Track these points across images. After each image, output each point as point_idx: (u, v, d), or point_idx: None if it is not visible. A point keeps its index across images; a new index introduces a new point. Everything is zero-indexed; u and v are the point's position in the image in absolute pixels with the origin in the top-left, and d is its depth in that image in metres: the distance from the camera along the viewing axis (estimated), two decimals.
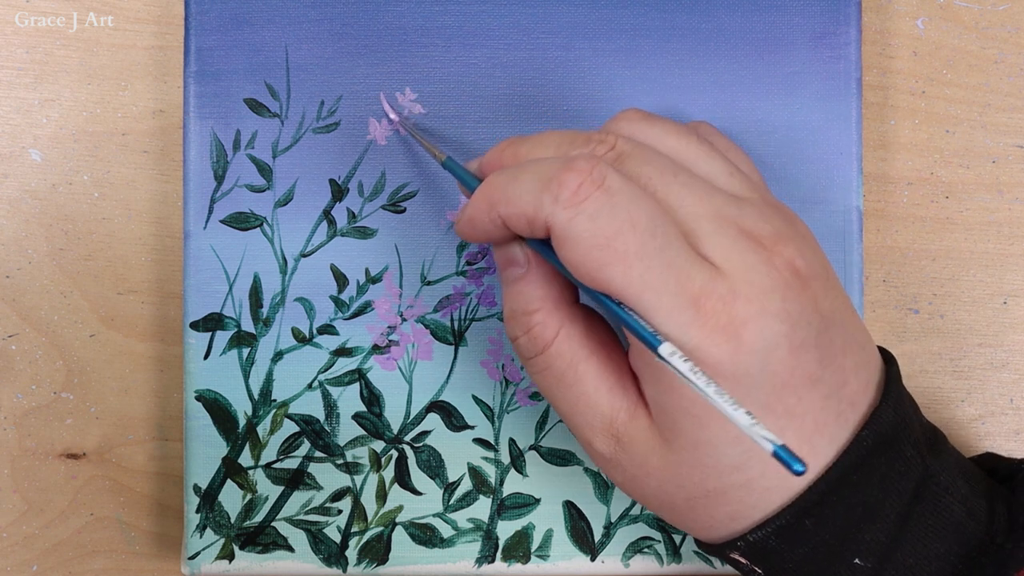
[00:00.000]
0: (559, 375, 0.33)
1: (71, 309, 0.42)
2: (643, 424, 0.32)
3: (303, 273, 0.40)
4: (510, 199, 0.31)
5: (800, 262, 0.31)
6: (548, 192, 0.30)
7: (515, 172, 0.32)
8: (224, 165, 0.40)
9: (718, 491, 0.32)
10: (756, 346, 0.30)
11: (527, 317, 0.33)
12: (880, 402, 0.33)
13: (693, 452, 0.31)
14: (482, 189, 0.33)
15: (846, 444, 0.32)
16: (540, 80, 0.40)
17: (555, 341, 0.33)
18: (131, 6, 0.42)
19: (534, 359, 0.34)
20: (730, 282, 0.30)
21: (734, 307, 0.30)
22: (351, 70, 0.40)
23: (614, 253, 0.30)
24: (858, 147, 0.40)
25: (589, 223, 0.30)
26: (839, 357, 0.32)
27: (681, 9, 0.40)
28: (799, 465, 0.26)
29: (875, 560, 0.32)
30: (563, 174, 0.30)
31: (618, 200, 0.30)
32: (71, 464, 0.42)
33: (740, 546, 0.33)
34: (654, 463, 0.32)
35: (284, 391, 0.40)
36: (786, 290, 0.31)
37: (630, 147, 0.32)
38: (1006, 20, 0.43)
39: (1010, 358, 0.43)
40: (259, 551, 0.40)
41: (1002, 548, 0.33)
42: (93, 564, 0.42)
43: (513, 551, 0.40)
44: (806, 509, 0.32)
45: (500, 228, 0.32)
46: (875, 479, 0.32)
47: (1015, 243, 0.43)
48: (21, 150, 0.42)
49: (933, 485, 0.33)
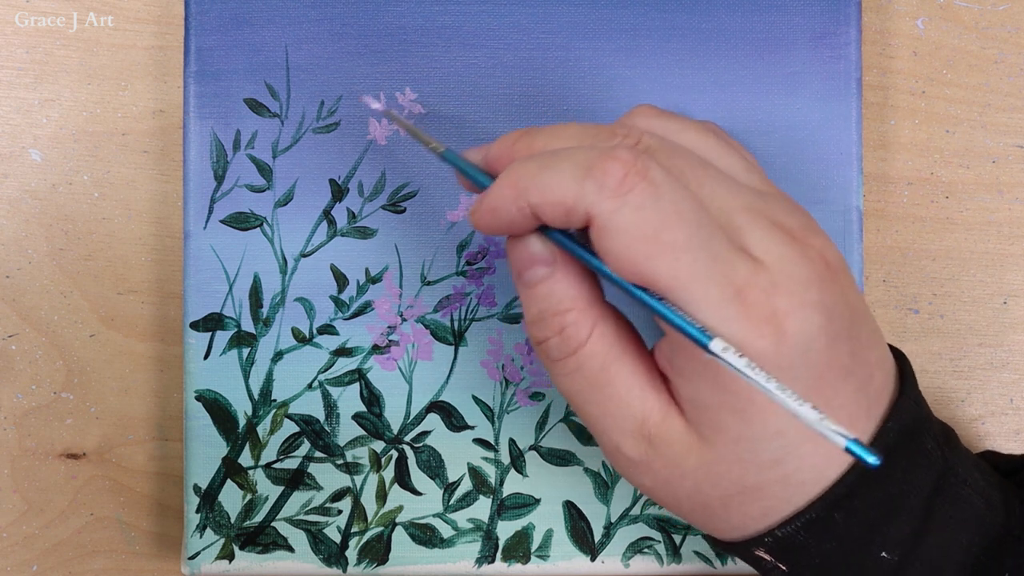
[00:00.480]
0: (592, 377, 0.32)
1: (71, 309, 0.42)
2: (677, 424, 0.32)
3: (303, 273, 0.40)
4: (545, 187, 0.30)
5: (830, 254, 0.31)
6: (591, 180, 0.30)
7: (548, 159, 0.31)
8: (224, 165, 0.40)
9: (755, 487, 0.32)
10: (798, 338, 0.30)
11: (559, 317, 0.32)
12: (900, 395, 0.33)
13: (734, 448, 0.31)
14: (508, 176, 0.31)
15: (872, 437, 0.32)
16: (540, 80, 0.40)
17: (589, 341, 0.32)
18: (131, 6, 0.42)
19: (564, 360, 0.32)
20: (770, 274, 0.30)
21: (776, 299, 0.30)
22: (351, 70, 0.40)
23: (661, 244, 0.29)
24: (858, 147, 0.40)
25: (636, 213, 0.29)
26: (866, 350, 0.32)
27: (681, 9, 0.40)
28: (874, 458, 0.26)
29: (900, 553, 0.32)
30: (607, 163, 0.30)
31: (663, 191, 0.30)
32: (71, 464, 0.42)
33: (768, 542, 0.32)
34: (691, 463, 0.32)
35: (284, 391, 0.40)
36: (821, 282, 0.31)
37: (656, 142, 0.32)
38: (1006, 20, 0.43)
39: (1010, 358, 0.43)
40: (259, 551, 0.40)
41: (1021, 540, 0.33)
42: (93, 564, 0.42)
43: (513, 551, 0.40)
44: (836, 502, 0.32)
45: (528, 218, 0.31)
46: (899, 472, 0.32)
47: (1015, 243, 0.43)
48: (21, 150, 0.42)
49: (952, 477, 0.33)
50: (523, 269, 0.32)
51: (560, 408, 0.40)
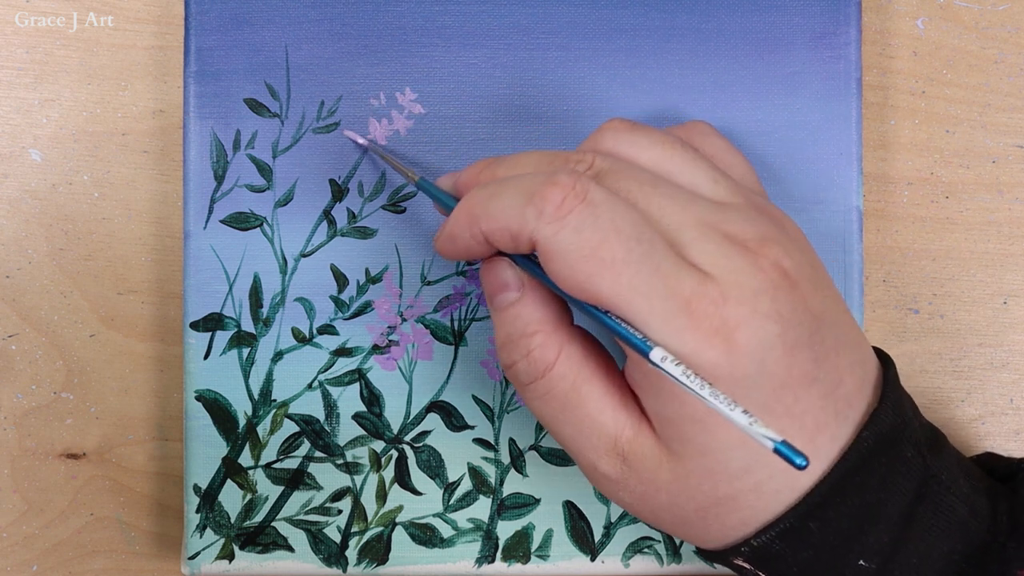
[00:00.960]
0: (562, 398, 0.33)
1: (71, 309, 0.42)
2: (648, 440, 0.32)
3: (303, 273, 0.40)
4: (492, 214, 0.32)
5: (787, 263, 0.31)
6: (532, 206, 0.31)
7: (496, 187, 0.32)
8: (224, 165, 0.40)
9: (729, 497, 0.32)
10: (751, 347, 0.30)
11: (526, 340, 0.33)
12: (879, 403, 0.33)
13: (702, 460, 0.31)
14: (462, 205, 0.33)
15: (847, 445, 0.32)
16: (540, 80, 0.40)
17: (556, 363, 0.33)
18: (131, 6, 0.42)
19: (534, 384, 0.33)
20: (719, 285, 0.30)
21: (725, 310, 0.30)
22: (351, 70, 0.40)
23: (600, 262, 0.30)
24: (858, 147, 0.40)
25: (574, 235, 0.30)
26: (832, 356, 0.32)
27: (681, 9, 0.40)
28: (801, 459, 0.27)
29: (879, 561, 0.32)
30: (546, 188, 0.31)
31: (601, 211, 0.30)
32: (71, 464, 0.42)
33: (744, 551, 0.33)
34: (663, 477, 0.32)
35: (284, 391, 0.40)
36: (775, 291, 0.31)
37: (608, 164, 0.32)
38: (1006, 20, 0.43)
39: (1010, 358, 0.43)
40: (259, 551, 0.40)
41: (1005, 547, 0.33)
42: (93, 564, 0.42)
43: (513, 551, 0.40)
44: (809, 511, 0.32)
45: (482, 244, 0.32)
46: (876, 480, 0.32)
47: (1015, 243, 0.43)
48: (21, 150, 0.42)
49: (935, 484, 0.33)
50: (494, 293, 0.34)
51: None
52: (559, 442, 0.34)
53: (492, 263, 0.34)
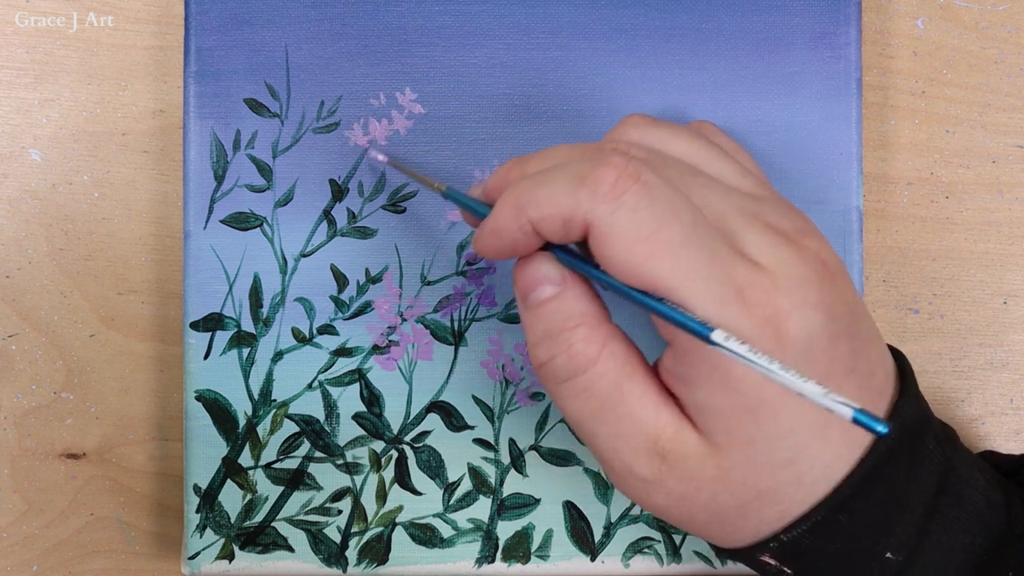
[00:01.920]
0: (603, 396, 0.32)
1: (71, 309, 0.42)
2: (690, 436, 0.32)
3: (303, 273, 0.40)
4: (542, 201, 0.31)
5: (826, 255, 0.32)
6: (585, 188, 0.30)
7: (543, 175, 0.31)
8: (224, 165, 0.40)
9: (770, 490, 0.32)
10: (799, 337, 0.30)
11: (567, 334, 0.32)
12: (901, 395, 0.33)
13: (747, 451, 0.31)
14: (507, 197, 0.32)
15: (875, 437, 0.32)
16: (540, 80, 0.40)
17: (600, 358, 0.32)
18: (131, 6, 0.42)
19: (572, 381, 0.32)
20: (770, 275, 0.30)
21: (776, 299, 0.30)
22: (351, 70, 0.40)
23: (659, 244, 0.29)
24: (858, 147, 0.40)
25: (632, 215, 0.30)
26: (866, 347, 0.32)
27: (681, 9, 0.40)
28: (882, 426, 0.26)
29: (906, 553, 0.32)
30: (599, 169, 0.30)
31: (657, 193, 0.30)
32: (71, 464, 0.42)
33: (773, 547, 0.32)
34: (707, 474, 0.32)
35: (284, 391, 0.40)
36: (820, 282, 0.31)
37: (644, 153, 0.32)
38: (1006, 20, 0.43)
39: (1010, 358, 0.43)
40: (259, 551, 0.40)
41: (1023, 539, 0.33)
42: (93, 564, 0.42)
43: (513, 551, 0.40)
44: (841, 503, 0.32)
45: (529, 235, 0.31)
46: (903, 472, 0.32)
47: (1015, 243, 0.43)
48: (21, 150, 0.42)
49: (954, 477, 0.33)
50: (530, 289, 0.32)
51: None
52: (591, 444, 0.33)
53: (529, 259, 0.33)
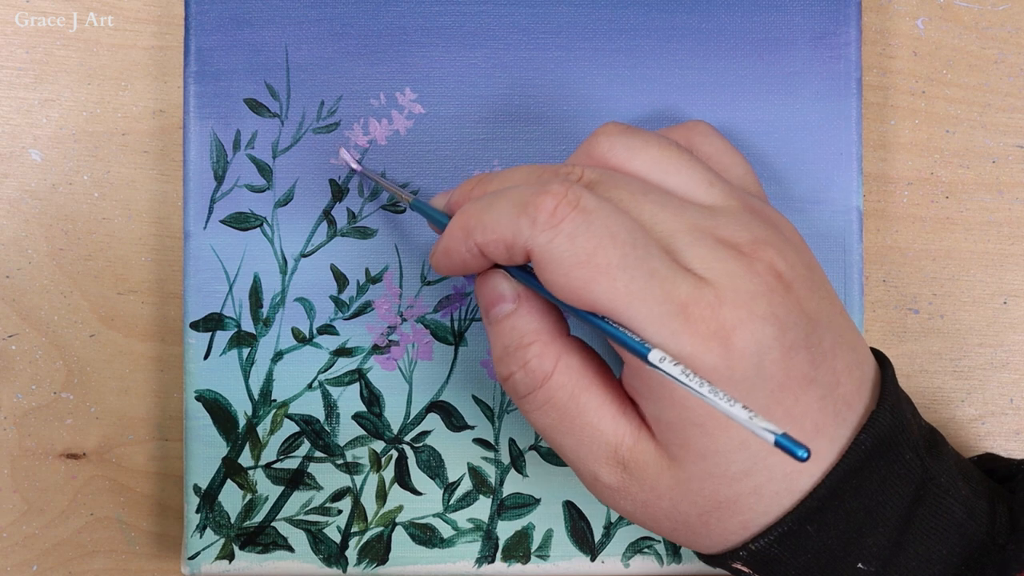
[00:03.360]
0: (561, 408, 0.33)
1: (71, 309, 0.42)
2: (649, 446, 0.32)
3: (303, 273, 0.40)
4: (486, 226, 0.32)
5: (781, 265, 0.31)
6: (525, 216, 0.31)
7: (489, 200, 0.32)
8: (224, 165, 0.40)
9: (730, 501, 0.32)
10: (748, 350, 0.30)
11: (522, 351, 0.33)
12: (877, 405, 0.33)
13: (702, 463, 0.31)
14: (457, 219, 0.33)
15: (845, 447, 0.32)
16: (540, 80, 0.40)
17: (555, 373, 0.33)
18: (131, 6, 0.42)
19: (532, 395, 0.33)
20: (715, 289, 0.30)
21: (721, 313, 0.30)
22: (351, 70, 0.40)
23: (596, 268, 0.30)
24: (858, 147, 0.40)
25: (568, 242, 0.30)
26: (830, 358, 0.32)
27: (682, 9, 0.40)
28: (802, 451, 0.26)
29: (878, 564, 0.32)
30: (539, 197, 0.31)
31: (595, 217, 0.30)
32: (71, 464, 0.42)
33: (743, 555, 0.33)
34: (665, 483, 0.32)
35: (284, 391, 0.40)
36: (771, 294, 0.31)
37: (598, 175, 0.33)
38: (1006, 20, 0.43)
39: (1010, 358, 0.43)
40: (259, 551, 0.40)
41: (1004, 549, 0.33)
42: (93, 564, 0.42)
43: (513, 551, 0.40)
44: (807, 515, 0.32)
45: (477, 257, 0.33)
46: (874, 483, 0.32)
47: (1015, 243, 0.43)
48: (21, 150, 0.42)
49: (933, 487, 0.33)
50: (489, 306, 0.34)
51: None
52: (559, 453, 0.34)
53: (487, 276, 0.34)
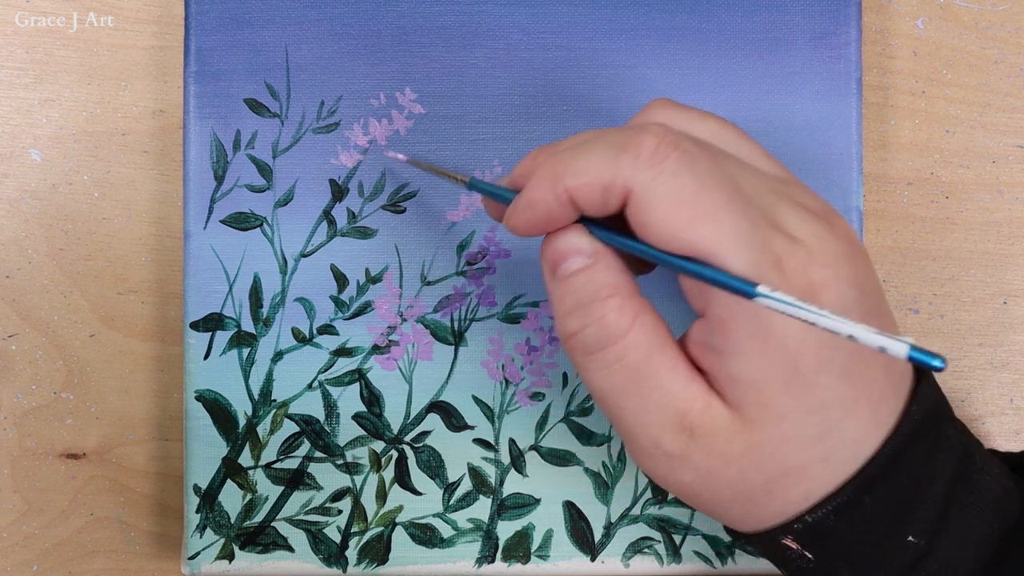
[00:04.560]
0: (633, 368, 0.32)
1: (71, 309, 0.42)
2: (721, 410, 0.31)
3: (303, 273, 0.40)
4: (580, 169, 0.31)
5: (853, 235, 0.32)
6: (626, 154, 0.30)
7: (580, 146, 0.31)
8: (224, 165, 0.40)
9: (799, 467, 0.31)
10: (835, 309, 0.30)
11: (599, 304, 0.31)
12: (920, 379, 0.33)
13: (780, 425, 0.31)
14: (543, 168, 0.31)
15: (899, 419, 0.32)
16: (540, 80, 0.40)
17: (632, 329, 0.31)
18: (131, 6, 0.42)
19: (603, 352, 0.32)
20: (805, 247, 0.30)
21: (811, 271, 0.30)
22: (351, 70, 0.40)
23: (703, 208, 0.30)
24: (858, 147, 0.40)
25: (674, 180, 0.30)
26: (892, 329, 0.32)
27: (682, 9, 0.40)
28: (939, 360, 0.26)
29: (927, 538, 0.32)
30: (640, 136, 0.30)
31: (699, 159, 0.30)
32: (71, 464, 0.42)
33: (797, 528, 0.32)
34: (736, 448, 0.31)
35: (284, 391, 0.40)
36: (853, 258, 0.31)
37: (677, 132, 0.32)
38: (1006, 20, 0.43)
39: (1010, 358, 0.43)
40: (259, 551, 0.40)
41: None
42: (93, 564, 0.42)
43: (513, 551, 0.40)
44: (867, 484, 0.31)
45: (565, 206, 0.31)
46: (923, 455, 0.32)
47: (1015, 243, 0.43)
48: (21, 150, 0.42)
49: (971, 464, 0.33)
50: (559, 261, 0.32)
51: (560, 408, 0.40)
52: (616, 419, 0.33)
53: (559, 231, 0.32)
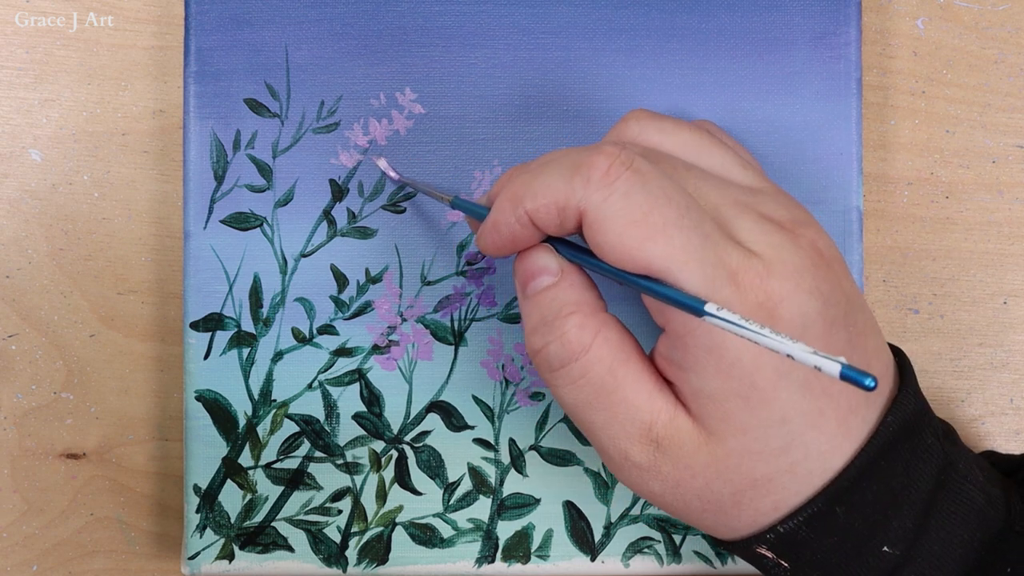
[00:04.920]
0: (597, 382, 0.32)
1: (71, 309, 0.42)
2: (685, 423, 0.32)
3: (303, 273, 0.40)
4: (537, 192, 0.31)
5: (822, 244, 0.32)
6: (579, 176, 0.30)
7: (537, 168, 0.32)
8: (224, 165, 0.40)
9: (765, 479, 0.32)
10: (793, 322, 0.30)
11: (561, 321, 0.32)
12: (900, 389, 0.33)
13: (742, 438, 0.31)
14: (505, 191, 0.32)
15: (873, 429, 0.32)
16: (540, 80, 0.40)
17: (593, 345, 0.32)
18: (131, 6, 0.42)
19: (567, 368, 0.32)
20: (763, 261, 0.30)
21: (769, 284, 0.30)
22: (351, 70, 0.40)
23: (653, 226, 0.30)
24: (858, 147, 0.40)
25: (624, 200, 0.30)
26: (862, 338, 0.32)
27: (682, 9, 0.40)
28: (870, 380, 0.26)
29: (903, 547, 0.32)
30: (592, 157, 0.31)
31: (650, 178, 0.30)
32: (71, 464, 0.42)
33: (770, 538, 0.32)
34: (701, 460, 0.32)
35: (284, 391, 0.40)
36: (815, 269, 0.31)
37: (640, 150, 0.32)
38: (1006, 20, 0.43)
39: (1010, 358, 0.43)
40: (259, 551, 0.40)
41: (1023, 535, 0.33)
42: (93, 564, 0.42)
43: (513, 551, 0.40)
44: (837, 495, 0.32)
45: (527, 227, 0.32)
46: (900, 466, 0.32)
47: (1015, 243, 0.43)
48: (21, 150, 0.42)
49: (953, 473, 0.33)
50: (528, 279, 0.33)
51: (560, 408, 0.40)
52: (586, 431, 0.33)
53: (529, 251, 0.33)
